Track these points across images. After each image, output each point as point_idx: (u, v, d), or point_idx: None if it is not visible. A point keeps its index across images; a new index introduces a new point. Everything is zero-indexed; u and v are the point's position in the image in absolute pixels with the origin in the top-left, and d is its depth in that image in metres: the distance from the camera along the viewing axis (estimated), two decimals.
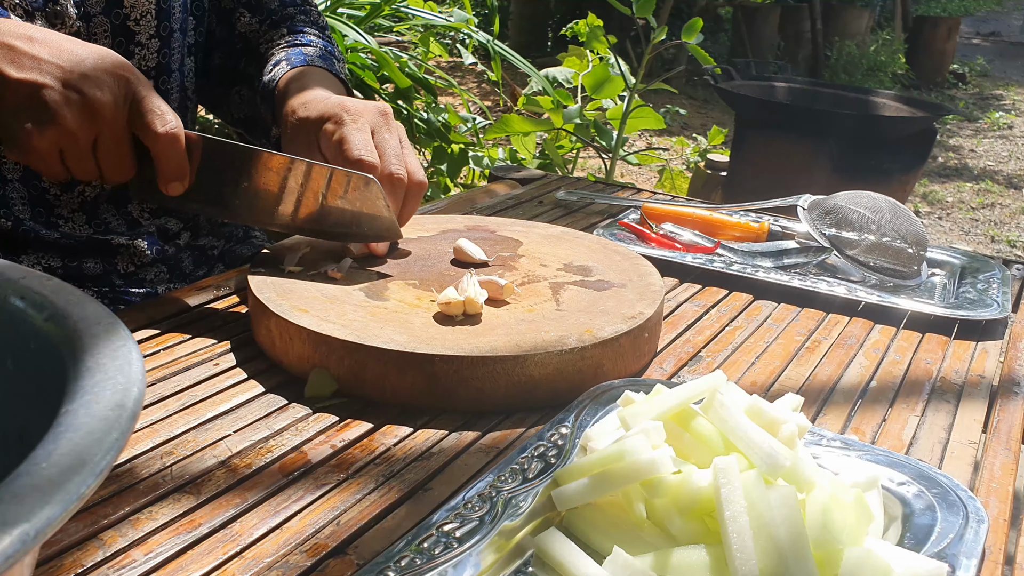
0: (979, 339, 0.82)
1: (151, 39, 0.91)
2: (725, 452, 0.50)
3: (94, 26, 0.86)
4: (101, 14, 0.86)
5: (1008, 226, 4.14)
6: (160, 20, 0.91)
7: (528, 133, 2.29)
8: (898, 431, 0.65)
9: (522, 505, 0.50)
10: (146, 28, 0.90)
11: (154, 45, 0.91)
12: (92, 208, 0.91)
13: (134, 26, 0.89)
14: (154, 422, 0.60)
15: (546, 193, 1.21)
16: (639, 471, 0.48)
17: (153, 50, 0.91)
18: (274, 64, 0.95)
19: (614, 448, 0.49)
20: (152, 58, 0.92)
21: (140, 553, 0.48)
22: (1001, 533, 0.54)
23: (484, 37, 2.25)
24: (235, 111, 1.03)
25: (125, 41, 0.89)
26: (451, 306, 0.69)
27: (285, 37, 1.00)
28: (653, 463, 0.47)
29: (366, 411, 0.63)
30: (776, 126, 2.98)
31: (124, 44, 0.89)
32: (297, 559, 0.48)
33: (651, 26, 2.17)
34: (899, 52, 7.34)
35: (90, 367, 0.32)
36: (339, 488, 0.54)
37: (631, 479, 0.48)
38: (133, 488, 0.53)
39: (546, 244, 0.88)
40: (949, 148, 5.57)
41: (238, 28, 1.01)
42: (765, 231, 1.04)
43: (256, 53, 1.01)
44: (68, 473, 0.26)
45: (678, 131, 5.19)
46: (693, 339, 0.79)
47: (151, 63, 0.92)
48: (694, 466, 0.50)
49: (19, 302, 0.36)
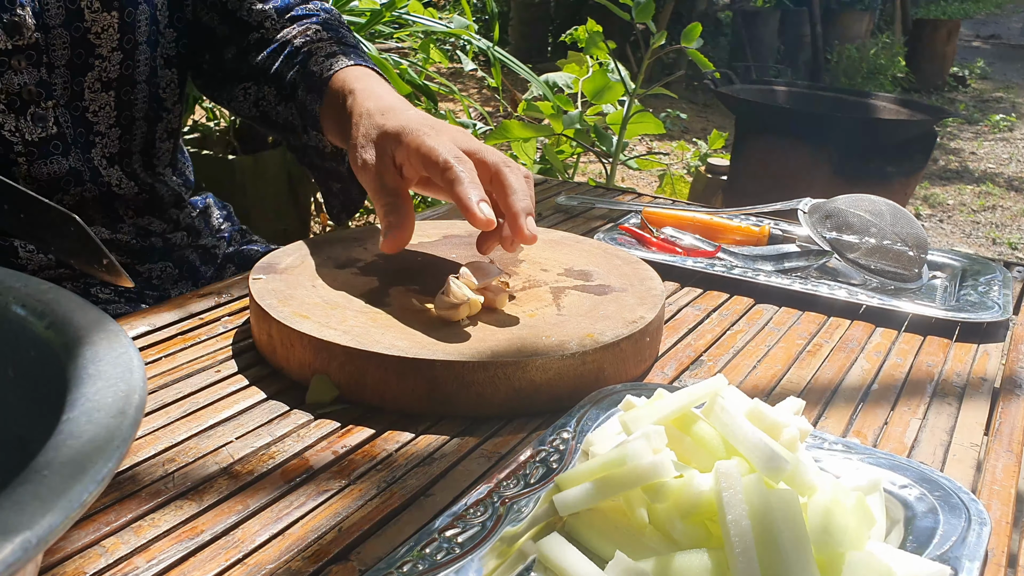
0: (980, 341, 0.82)
1: (113, 51, 0.89)
2: (726, 456, 0.50)
3: (52, 38, 0.85)
4: (61, 27, 0.85)
5: (1009, 228, 4.14)
6: (124, 33, 0.90)
7: (528, 139, 2.29)
8: (900, 434, 0.65)
9: (524, 510, 0.50)
10: (107, 41, 0.89)
11: (116, 58, 0.90)
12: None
13: (95, 39, 0.88)
14: (156, 429, 0.60)
15: (547, 198, 1.21)
16: (640, 476, 0.48)
17: (115, 63, 0.90)
18: (328, 56, 0.91)
19: (615, 453, 0.49)
20: (114, 70, 0.90)
21: (142, 560, 0.48)
22: (1004, 535, 0.54)
23: (484, 43, 2.25)
24: (239, 110, 1.00)
25: (84, 53, 0.88)
26: (458, 310, 0.69)
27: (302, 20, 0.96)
28: (654, 468, 0.47)
29: (367, 417, 0.64)
30: (776, 130, 2.98)
31: (83, 56, 0.88)
32: (299, 565, 0.48)
33: (650, 31, 2.17)
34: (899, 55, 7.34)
35: (91, 374, 0.32)
36: (341, 494, 0.54)
37: (632, 484, 0.48)
38: (135, 495, 0.53)
39: (546, 249, 0.88)
40: (950, 151, 5.57)
41: (252, 18, 0.97)
42: (766, 235, 1.04)
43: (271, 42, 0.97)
44: (69, 481, 0.26)
45: (678, 136, 5.20)
46: (694, 343, 0.79)
47: (113, 75, 0.90)
48: (695, 470, 0.50)
49: (20, 310, 0.37)
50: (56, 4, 0.84)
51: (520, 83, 4.95)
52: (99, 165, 0.93)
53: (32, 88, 0.85)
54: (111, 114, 0.92)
